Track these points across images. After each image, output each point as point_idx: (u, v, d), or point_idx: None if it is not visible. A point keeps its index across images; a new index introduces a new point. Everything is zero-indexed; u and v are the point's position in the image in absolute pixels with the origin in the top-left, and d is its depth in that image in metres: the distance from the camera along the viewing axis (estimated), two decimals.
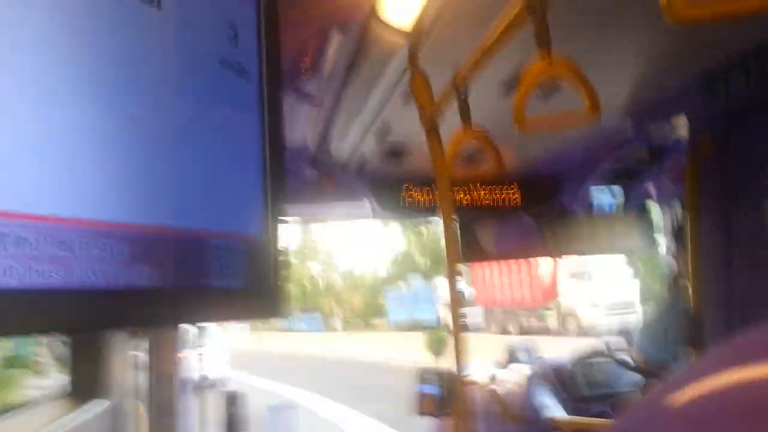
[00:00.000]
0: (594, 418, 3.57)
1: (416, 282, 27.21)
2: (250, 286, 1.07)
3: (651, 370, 2.87)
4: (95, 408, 1.58)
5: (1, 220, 0.71)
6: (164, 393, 2.05)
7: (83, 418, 1.51)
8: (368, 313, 32.98)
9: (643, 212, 4.24)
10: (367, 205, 3.27)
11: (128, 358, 1.76)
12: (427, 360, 12.23)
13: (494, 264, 14.61)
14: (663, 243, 4.35)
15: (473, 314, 19.48)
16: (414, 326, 23.24)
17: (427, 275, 27.10)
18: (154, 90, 0.92)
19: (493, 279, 19.11)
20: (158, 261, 0.91)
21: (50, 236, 0.77)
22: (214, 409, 4.77)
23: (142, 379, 2.03)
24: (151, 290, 0.90)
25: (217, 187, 1.02)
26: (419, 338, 16.10)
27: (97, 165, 0.83)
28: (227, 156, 1.05)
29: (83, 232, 0.81)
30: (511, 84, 1.93)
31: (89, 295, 0.82)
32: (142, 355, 2.01)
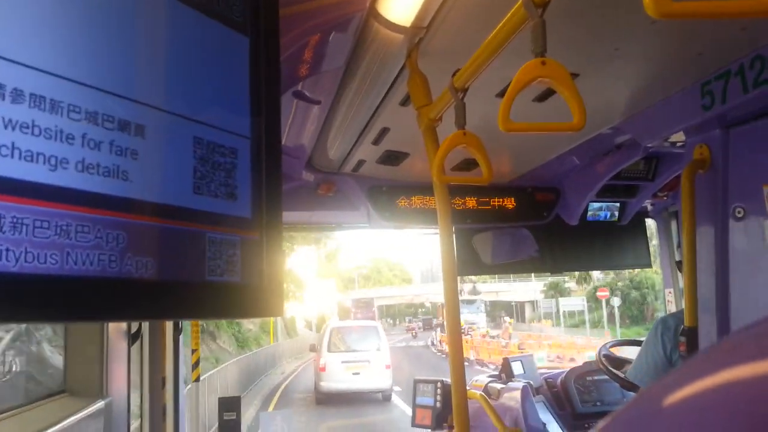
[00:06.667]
0: None
1: None
2: (246, 281, 1.07)
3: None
4: (92, 407, 1.57)
5: None
6: (162, 393, 2.04)
7: (79, 417, 1.50)
8: None
9: (640, 228, 4.25)
10: (363, 212, 3.26)
11: (126, 357, 1.75)
12: None
13: None
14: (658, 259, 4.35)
15: None
16: None
17: None
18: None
19: None
20: (154, 252, 0.91)
21: (47, 220, 0.77)
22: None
23: (141, 378, 2.02)
24: (147, 281, 0.90)
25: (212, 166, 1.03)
26: None
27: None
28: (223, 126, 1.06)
29: (81, 218, 0.81)
30: None
31: (85, 283, 0.82)
32: (140, 354, 2.01)
